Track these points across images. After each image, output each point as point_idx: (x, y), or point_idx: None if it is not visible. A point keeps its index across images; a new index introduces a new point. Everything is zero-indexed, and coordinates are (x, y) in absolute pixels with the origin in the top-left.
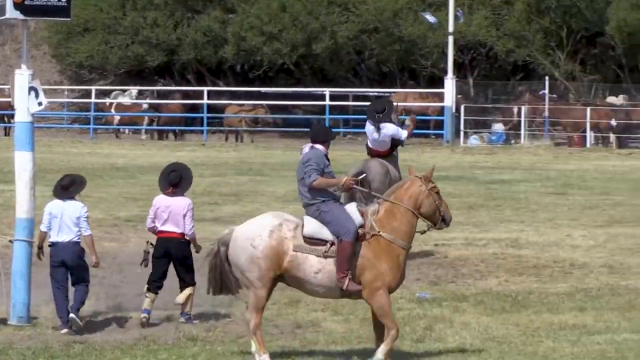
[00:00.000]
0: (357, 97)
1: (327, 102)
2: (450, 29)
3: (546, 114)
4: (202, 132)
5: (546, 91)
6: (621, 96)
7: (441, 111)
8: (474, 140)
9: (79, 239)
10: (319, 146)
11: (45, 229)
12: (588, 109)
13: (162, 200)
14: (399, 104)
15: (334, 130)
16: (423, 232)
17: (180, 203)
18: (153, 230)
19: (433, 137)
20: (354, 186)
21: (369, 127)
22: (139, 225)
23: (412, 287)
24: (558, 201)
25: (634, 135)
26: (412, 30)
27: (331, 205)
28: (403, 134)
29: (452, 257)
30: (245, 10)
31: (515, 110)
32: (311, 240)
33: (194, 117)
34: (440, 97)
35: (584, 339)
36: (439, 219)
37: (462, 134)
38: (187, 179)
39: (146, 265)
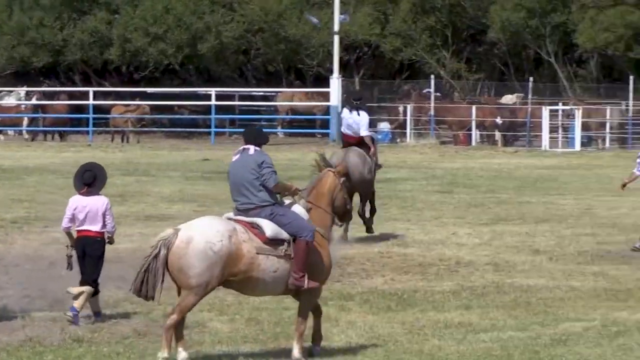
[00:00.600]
0: (243, 97)
1: (213, 102)
2: (336, 28)
3: (432, 112)
4: (87, 132)
5: (432, 89)
6: (515, 94)
7: (327, 110)
8: None
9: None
10: (258, 148)
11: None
12: (473, 107)
13: (78, 201)
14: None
15: (220, 130)
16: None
17: (98, 202)
18: (68, 230)
19: (319, 136)
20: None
21: (346, 113)
22: (24, 226)
23: None
24: (444, 199)
25: (519, 134)
26: (297, 30)
27: (284, 208)
28: (366, 131)
29: (337, 256)
30: (129, 12)
31: (401, 109)
32: (272, 242)
33: (80, 117)
34: (326, 96)
35: (470, 337)
36: (346, 214)
37: None
38: (101, 178)
39: (71, 269)
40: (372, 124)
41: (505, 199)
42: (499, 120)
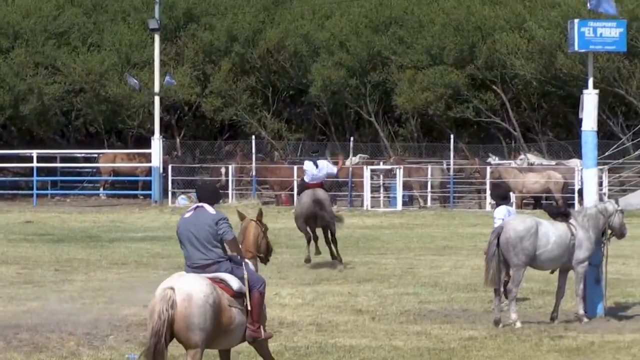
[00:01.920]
0: (64, 159)
1: (35, 164)
2: (156, 89)
3: (253, 172)
4: None
5: (253, 150)
6: (359, 155)
7: (149, 171)
8: (182, 200)
9: None
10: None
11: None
12: (295, 167)
13: None
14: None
15: (43, 192)
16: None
17: None
18: None
19: (141, 197)
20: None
21: (309, 165)
22: None
23: (121, 349)
24: None
25: (341, 193)
26: (118, 91)
27: (238, 261)
28: (334, 169)
29: None
30: None
31: (223, 169)
32: (237, 295)
33: None
34: (148, 157)
35: None
36: (269, 254)
37: (170, 194)
38: None
39: None
40: (193, 185)
41: (327, 259)
42: None
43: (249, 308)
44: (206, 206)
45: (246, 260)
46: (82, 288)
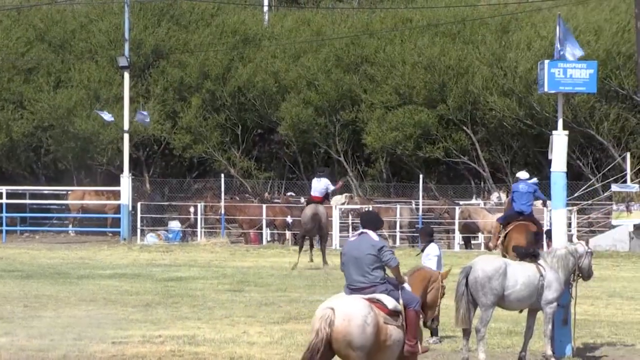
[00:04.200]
0: (34, 195)
1: (4, 200)
2: (126, 126)
3: (222, 211)
4: None
5: (222, 189)
6: (344, 195)
7: (118, 209)
8: (151, 238)
9: None
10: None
11: None
12: (264, 206)
13: None
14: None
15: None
16: None
17: None
18: None
19: (110, 235)
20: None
21: (315, 182)
22: None
23: None
24: (235, 298)
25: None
26: (86, 127)
27: (395, 283)
28: (332, 187)
29: (129, 355)
30: None
31: (192, 208)
32: (392, 313)
33: None
34: (116, 194)
35: None
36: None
37: (139, 231)
38: None
39: None
40: (163, 223)
41: (296, 298)
42: (289, 219)
43: (405, 325)
44: (370, 232)
45: (404, 285)
46: (51, 324)
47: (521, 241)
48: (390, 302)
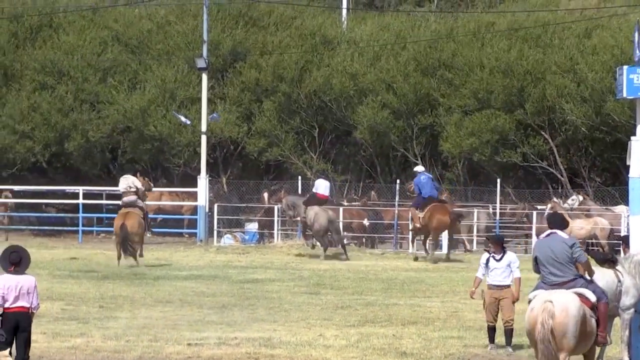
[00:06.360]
0: (110, 196)
1: (81, 200)
2: (203, 128)
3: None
4: None
5: (299, 191)
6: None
7: (195, 210)
8: (227, 239)
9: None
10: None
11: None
12: (341, 208)
13: (9, 279)
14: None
15: (88, 229)
16: None
17: (28, 280)
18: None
19: (187, 236)
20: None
21: (322, 182)
22: None
23: None
24: (311, 300)
25: (386, 235)
26: (162, 129)
27: (587, 279)
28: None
29: (204, 357)
30: None
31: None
32: (593, 306)
33: None
34: (193, 196)
35: None
36: None
37: (215, 233)
38: (25, 259)
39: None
40: (239, 224)
41: (372, 301)
42: (366, 222)
43: (597, 317)
44: (559, 232)
45: (593, 278)
46: (127, 325)
47: (445, 219)
48: (592, 296)
